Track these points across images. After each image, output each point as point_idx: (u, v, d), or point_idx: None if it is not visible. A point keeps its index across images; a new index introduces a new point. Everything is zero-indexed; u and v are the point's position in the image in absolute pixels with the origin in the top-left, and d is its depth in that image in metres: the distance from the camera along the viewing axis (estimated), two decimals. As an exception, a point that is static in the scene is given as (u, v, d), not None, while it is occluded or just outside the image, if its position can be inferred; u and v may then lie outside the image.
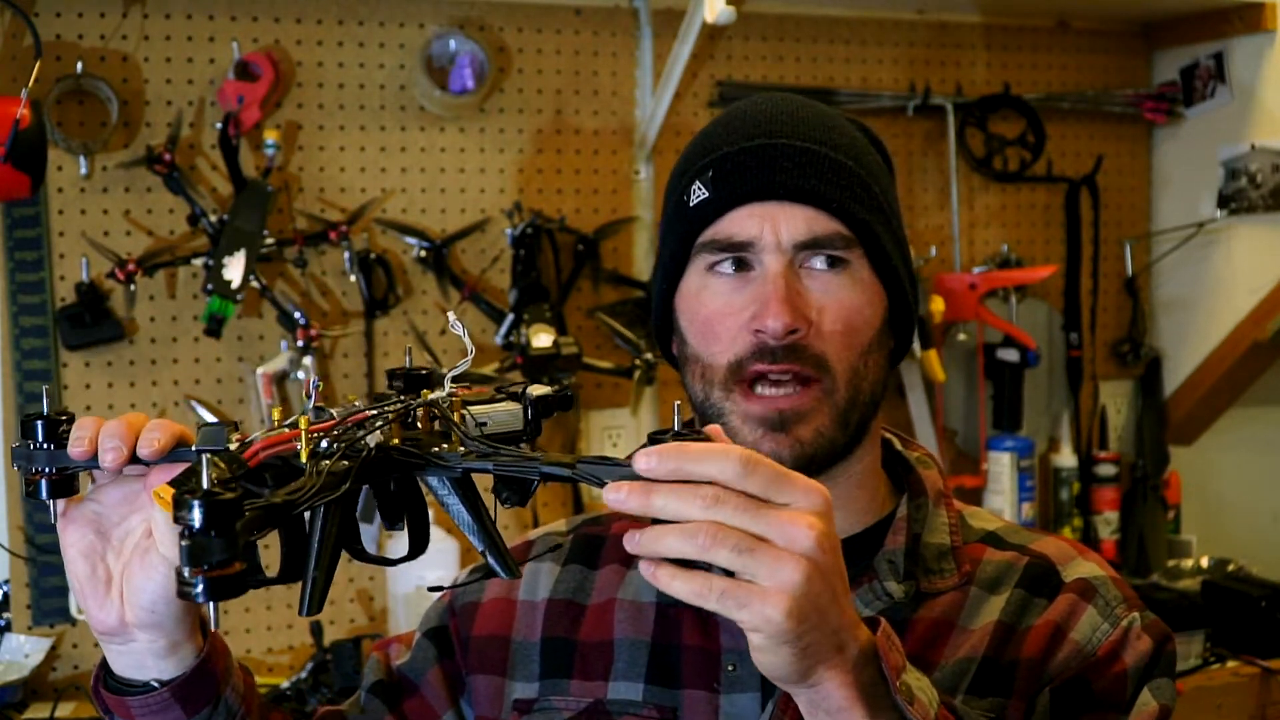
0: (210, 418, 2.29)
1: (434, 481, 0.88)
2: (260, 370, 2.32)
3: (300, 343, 2.29)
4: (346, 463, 0.83)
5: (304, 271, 2.33)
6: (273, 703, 1.14)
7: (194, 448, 0.91)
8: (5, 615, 2.23)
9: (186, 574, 0.73)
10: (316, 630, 2.24)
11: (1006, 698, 1.07)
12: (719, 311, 1.11)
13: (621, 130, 2.56)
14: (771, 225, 1.10)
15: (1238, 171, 2.81)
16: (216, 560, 0.73)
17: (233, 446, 0.86)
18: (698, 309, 1.13)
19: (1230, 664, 2.46)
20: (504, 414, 0.90)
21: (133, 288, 2.22)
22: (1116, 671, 1.08)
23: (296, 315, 2.29)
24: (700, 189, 1.12)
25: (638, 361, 2.48)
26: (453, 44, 2.42)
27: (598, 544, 1.24)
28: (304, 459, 0.83)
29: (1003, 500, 2.72)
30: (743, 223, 1.11)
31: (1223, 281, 2.87)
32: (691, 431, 0.82)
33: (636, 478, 0.79)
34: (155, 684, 1.00)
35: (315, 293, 2.37)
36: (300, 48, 2.35)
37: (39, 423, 0.95)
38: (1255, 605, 2.50)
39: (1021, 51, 2.88)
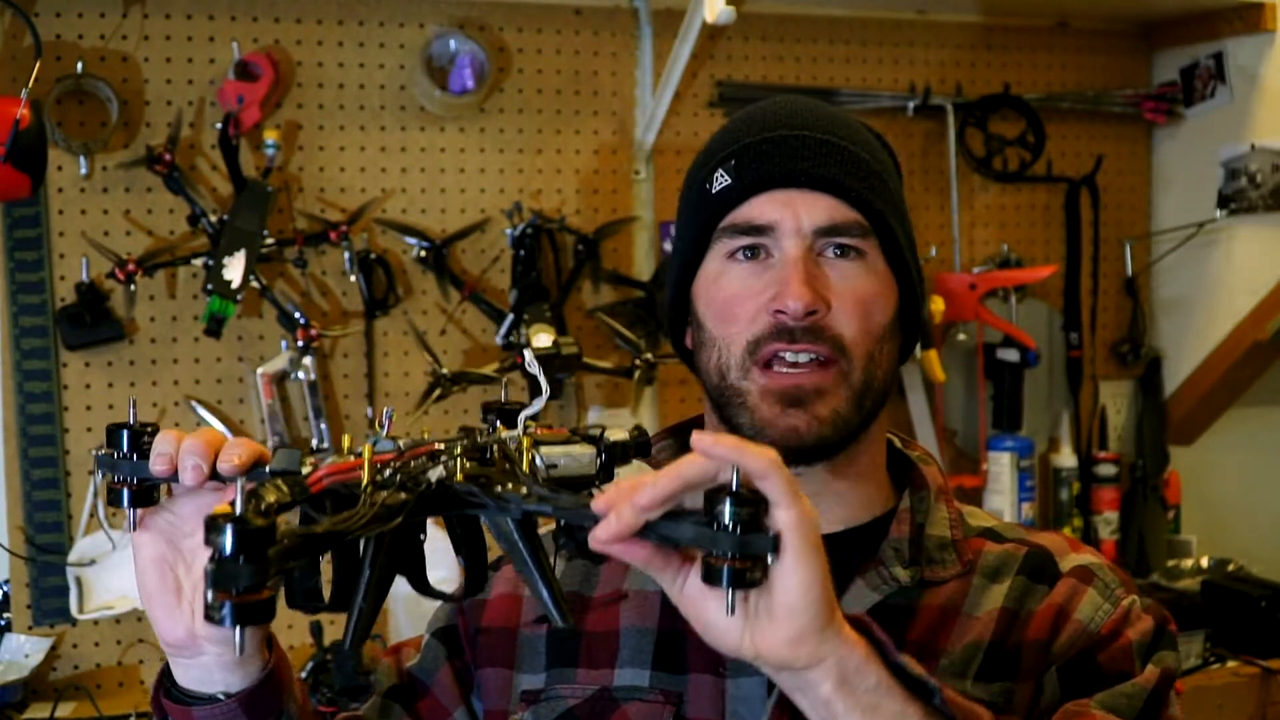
0: (210, 417, 2.29)
1: (494, 521, 0.88)
2: (260, 370, 2.32)
3: (300, 343, 2.29)
4: (404, 495, 0.83)
5: (304, 271, 2.33)
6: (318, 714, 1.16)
7: (268, 469, 0.92)
8: (5, 615, 2.23)
9: (211, 598, 0.72)
10: (316, 630, 2.24)
11: (1014, 681, 1.09)
12: (738, 294, 1.13)
13: (621, 130, 2.56)
14: (792, 211, 1.12)
15: (1238, 171, 2.80)
16: (243, 586, 0.72)
17: (306, 469, 0.87)
18: (716, 293, 1.14)
19: (1230, 664, 2.46)
20: (577, 457, 0.90)
21: (133, 288, 2.22)
22: (1121, 645, 1.09)
23: (296, 315, 2.29)
24: (723, 176, 1.14)
25: (638, 361, 2.48)
26: (453, 44, 2.42)
27: None
28: (365, 487, 0.83)
29: (1003, 500, 2.72)
30: (764, 208, 1.12)
31: (1223, 281, 2.87)
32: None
33: (700, 532, 0.81)
34: (222, 696, 1.00)
35: (315, 293, 2.37)
36: (300, 48, 2.35)
37: (124, 433, 0.95)
38: (1255, 605, 2.50)
39: (1021, 51, 2.88)
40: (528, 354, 0.95)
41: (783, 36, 2.67)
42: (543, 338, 2.35)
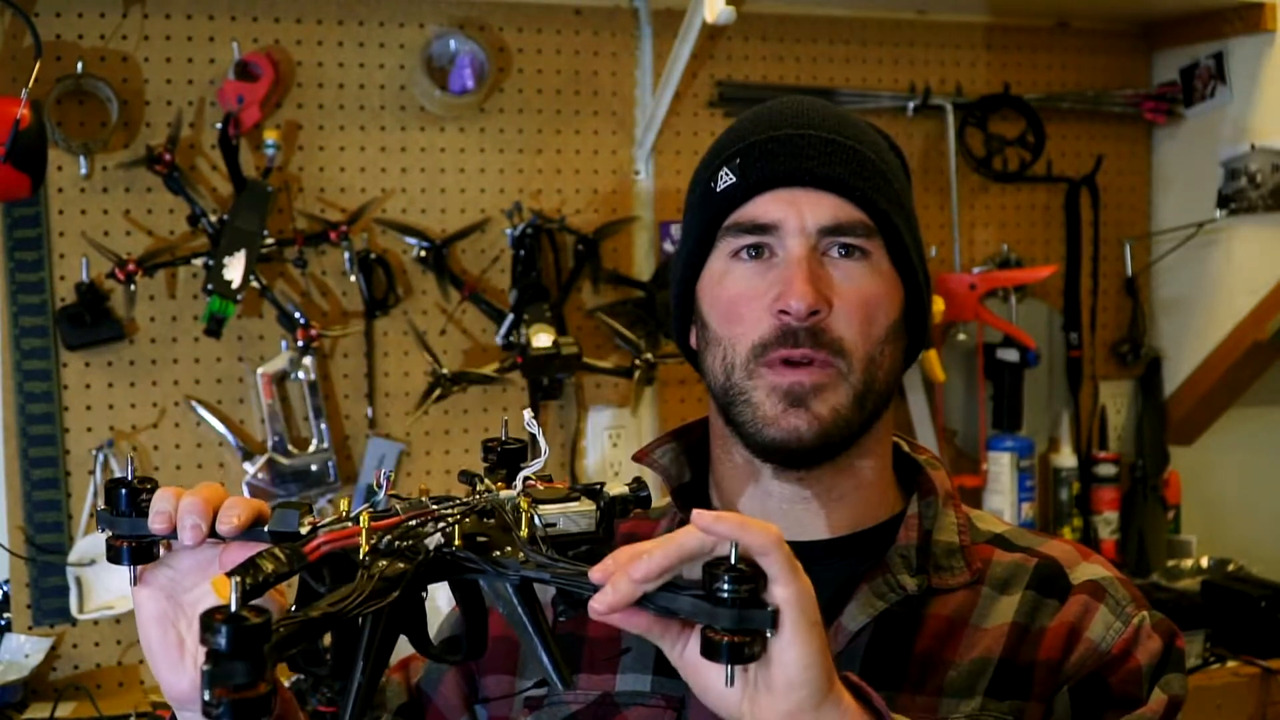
0: (210, 418, 2.29)
1: (493, 586, 0.88)
2: (260, 370, 2.32)
3: (300, 343, 2.29)
4: (402, 565, 0.82)
5: (304, 271, 2.33)
6: None
7: (266, 529, 0.92)
8: (5, 615, 2.23)
9: (208, 696, 0.72)
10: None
11: (1025, 700, 1.09)
12: (743, 294, 1.12)
13: (621, 130, 2.56)
14: (796, 210, 1.11)
15: (1238, 171, 2.80)
16: (240, 684, 0.72)
17: (304, 529, 0.87)
18: (720, 293, 1.14)
19: (1230, 664, 2.46)
20: (574, 517, 0.90)
21: (133, 288, 2.22)
22: (1131, 668, 1.09)
23: (296, 315, 2.29)
24: (728, 175, 1.14)
25: (638, 361, 2.48)
26: (453, 44, 2.42)
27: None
28: (363, 554, 0.83)
29: (1003, 500, 2.72)
30: (768, 206, 1.12)
31: (1223, 281, 2.87)
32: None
33: (699, 606, 0.81)
34: None
35: (315, 293, 2.37)
36: (300, 48, 2.35)
37: (122, 491, 0.95)
38: (1255, 605, 2.50)
39: (1021, 51, 2.88)
40: (527, 414, 0.95)
41: (783, 36, 2.67)
42: (543, 338, 2.35)
